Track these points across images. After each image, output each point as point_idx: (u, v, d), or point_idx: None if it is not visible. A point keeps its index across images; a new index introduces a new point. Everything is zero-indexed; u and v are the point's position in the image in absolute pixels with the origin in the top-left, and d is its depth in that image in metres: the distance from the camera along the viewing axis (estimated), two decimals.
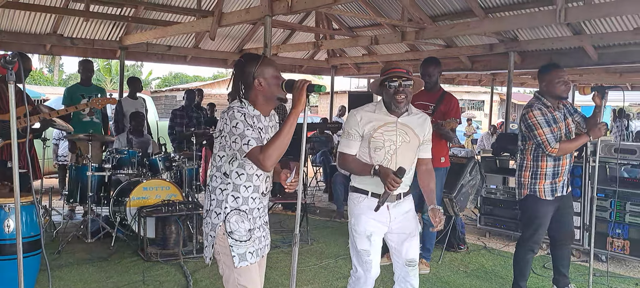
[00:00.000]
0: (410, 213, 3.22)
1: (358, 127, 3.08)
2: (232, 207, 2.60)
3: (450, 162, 5.12)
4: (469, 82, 15.52)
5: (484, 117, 28.61)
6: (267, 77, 2.59)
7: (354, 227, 3.13)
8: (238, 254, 2.59)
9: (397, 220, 3.14)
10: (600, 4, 6.01)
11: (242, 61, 2.66)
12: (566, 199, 4.04)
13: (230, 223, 2.59)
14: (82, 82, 7.00)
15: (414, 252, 3.21)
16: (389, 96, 3.06)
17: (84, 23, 8.58)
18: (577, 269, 5.13)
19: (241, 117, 2.50)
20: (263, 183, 2.68)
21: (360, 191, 3.12)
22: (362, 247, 3.11)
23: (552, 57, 8.66)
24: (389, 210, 3.10)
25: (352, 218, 3.15)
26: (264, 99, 2.63)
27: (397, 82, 3.01)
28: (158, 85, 34.93)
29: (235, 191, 2.60)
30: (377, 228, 3.10)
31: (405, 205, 3.19)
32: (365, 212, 3.08)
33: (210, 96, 20.74)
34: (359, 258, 3.15)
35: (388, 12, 8.87)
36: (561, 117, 3.89)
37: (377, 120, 3.08)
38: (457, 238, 5.73)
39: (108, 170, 5.87)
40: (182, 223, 5.27)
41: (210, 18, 7.17)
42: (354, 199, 3.15)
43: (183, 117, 8.22)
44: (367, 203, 3.08)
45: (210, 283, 4.55)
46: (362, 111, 3.13)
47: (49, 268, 2.42)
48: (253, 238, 2.65)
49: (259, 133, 2.55)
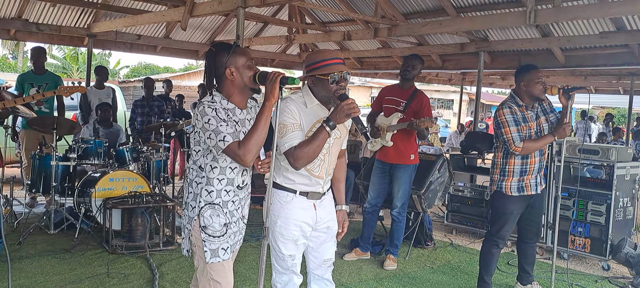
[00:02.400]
0: (333, 215, 2.96)
1: (297, 117, 2.67)
2: (206, 201, 2.57)
3: (419, 160, 5.17)
4: (439, 81, 15.69)
5: (452, 116, 29.01)
6: (239, 66, 2.52)
7: (280, 231, 2.76)
8: (210, 250, 2.57)
9: (322, 221, 2.86)
10: (568, 8, 6.14)
11: (213, 51, 2.57)
12: (538, 198, 4.11)
13: (204, 217, 2.56)
14: (34, 70, 6.78)
15: (331, 251, 2.95)
16: (327, 90, 2.64)
17: (50, 8, 8.34)
18: (540, 266, 5.25)
19: (212, 112, 2.43)
20: (238, 177, 2.63)
21: (287, 190, 2.76)
22: (289, 252, 2.79)
23: (521, 58, 8.84)
24: (316, 209, 2.81)
25: (277, 220, 2.75)
26: (237, 90, 2.56)
27: (340, 75, 2.63)
28: (126, 75, 34.28)
29: (208, 185, 2.57)
30: (304, 231, 2.80)
31: (329, 203, 2.92)
32: (295, 214, 2.75)
33: (181, 88, 20.46)
34: (284, 263, 2.82)
35: (361, 8, 8.89)
36: (533, 117, 3.96)
37: (310, 115, 2.71)
38: (424, 235, 5.79)
39: (73, 160, 5.72)
40: (149, 215, 5.18)
41: (182, 8, 7.04)
42: (279, 199, 2.76)
43: (144, 107, 7.98)
44: (297, 204, 2.76)
45: (176, 276, 4.48)
46: (294, 103, 2.69)
47: (9, 259, 2.34)
48: (228, 234, 2.61)
49: (235, 127, 2.50)
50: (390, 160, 4.94)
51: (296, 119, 2.66)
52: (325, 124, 2.57)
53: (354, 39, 9.29)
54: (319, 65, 2.67)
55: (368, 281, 4.67)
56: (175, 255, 5.01)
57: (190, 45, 10.57)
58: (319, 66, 2.66)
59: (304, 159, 2.61)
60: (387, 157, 4.95)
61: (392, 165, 4.95)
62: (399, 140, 4.87)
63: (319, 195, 2.82)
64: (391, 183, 5.00)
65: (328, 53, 2.72)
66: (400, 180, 4.93)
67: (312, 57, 2.74)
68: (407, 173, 4.94)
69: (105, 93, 7.65)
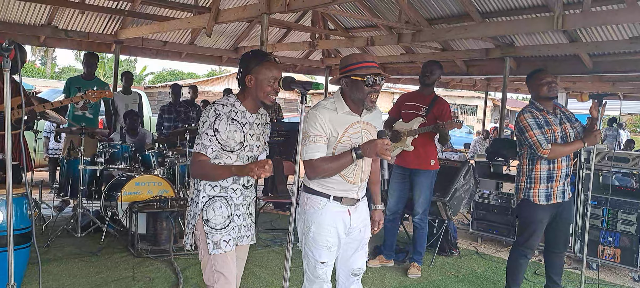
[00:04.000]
0: (368, 221, 2.93)
1: (324, 128, 2.66)
2: (209, 196, 2.66)
3: (444, 166, 5.12)
4: (462, 86, 15.56)
5: (476, 122, 28.69)
6: (260, 78, 2.59)
7: (313, 237, 2.73)
8: (212, 242, 2.65)
9: (356, 228, 2.83)
10: (596, 13, 6.04)
11: (249, 55, 2.67)
12: (565, 206, 4.02)
13: (207, 211, 2.65)
14: (84, 76, 6.91)
15: (361, 261, 2.91)
16: (361, 93, 2.65)
17: (79, 15, 8.52)
18: (568, 276, 5.14)
19: (213, 116, 2.56)
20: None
21: (321, 194, 2.73)
22: (322, 259, 2.75)
23: (547, 64, 8.71)
24: (350, 215, 2.78)
25: (311, 226, 2.72)
26: (251, 98, 2.66)
27: (374, 79, 2.64)
28: (152, 81, 34.75)
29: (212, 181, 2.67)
30: (338, 238, 2.77)
31: (363, 210, 2.89)
32: (329, 220, 2.72)
33: (204, 93, 20.69)
34: (315, 271, 2.77)
35: (385, 14, 8.87)
36: (556, 121, 3.90)
37: (341, 122, 2.70)
38: (449, 243, 5.72)
39: (100, 164, 5.82)
40: (174, 219, 5.22)
41: (207, 14, 7.13)
42: (312, 204, 2.73)
43: (171, 112, 8.11)
44: (331, 209, 2.72)
45: (200, 280, 4.50)
46: (323, 110, 2.68)
47: (40, 261, 2.38)
48: (231, 226, 2.68)
49: (241, 127, 2.62)
50: (410, 166, 4.91)
51: (321, 130, 2.66)
52: (354, 150, 2.63)
53: (377, 44, 9.28)
54: (354, 67, 2.69)
55: None
56: (199, 259, 5.03)
57: (214, 52, 10.68)
58: (354, 68, 2.69)
59: (321, 174, 2.66)
60: (407, 162, 4.92)
61: (412, 171, 4.92)
62: (420, 145, 4.84)
63: (353, 201, 2.80)
64: (412, 189, 4.97)
65: (364, 56, 2.76)
66: (421, 186, 4.89)
67: (347, 60, 2.77)
68: (428, 178, 4.90)
69: (132, 98, 7.78)
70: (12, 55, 1.92)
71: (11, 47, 1.90)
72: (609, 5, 6.41)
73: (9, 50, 1.90)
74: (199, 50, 10.43)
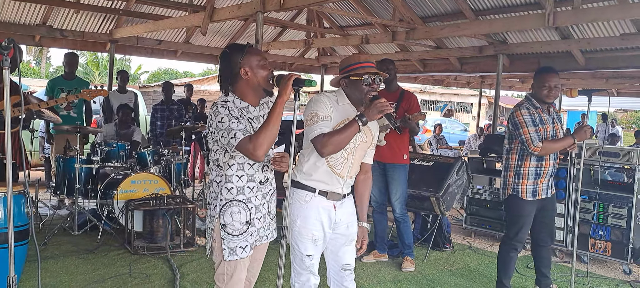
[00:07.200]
0: (353, 217, 2.97)
1: (327, 110, 2.75)
2: (226, 199, 2.61)
3: (438, 162, 5.18)
4: (457, 84, 15.64)
5: (471, 119, 28.79)
6: (253, 65, 2.58)
7: (299, 230, 2.81)
8: (228, 248, 2.61)
9: (342, 223, 2.90)
10: (588, 9, 6.10)
11: (227, 52, 2.64)
12: (549, 201, 4.09)
13: (224, 215, 2.61)
14: (65, 75, 6.94)
15: (350, 256, 2.97)
16: (360, 92, 2.76)
17: (74, 15, 8.53)
18: (560, 269, 5.21)
19: (225, 111, 2.50)
20: (259, 172, 2.67)
21: (307, 188, 2.82)
22: (308, 252, 2.83)
23: (541, 61, 8.77)
24: (336, 210, 2.86)
25: (297, 219, 2.81)
26: (251, 90, 2.62)
27: (372, 78, 2.75)
28: (147, 80, 34.72)
29: (228, 182, 2.61)
30: (324, 231, 2.85)
31: (349, 206, 2.95)
32: (314, 213, 2.81)
33: (200, 92, 20.61)
34: (302, 264, 2.86)
35: (379, 12, 8.92)
36: (549, 120, 3.95)
37: (341, 112, 2.79)
38: (442, 238, 5.78)
39: (96, 162, 5.85)
40: (170, 217, 5.27)
41: (202, 13, 7.16)
42: (299, 198, 2.82)
43: (164, 110, 8.10)
44: (317, 203, 2.81)
45: (197, 276, 4.55)
46: (327, 98, 2.80)
47: (39, 257, 2.42)
48: (249, 232, 2.65)
49: (249, 122, 2.56)
50: (384, 160, 4.98)
51: (328, 110, 2.76)
52: (358, 118, 2.67)
53: (372, 42, 9.34)
54: (353, 67, 2.80)
55: (386, 283, 4.69)
56: (195, 256, 5.09)
57: (209, 50, 10.71)
58: (353, 68, 2.80)
59: (331, 147, 2.68)
60: (382, 156, 4.98)
61: (387, 165, 5.00)
62: (392, 140, 4.92)
63: (338, 196, 2.86)
64: (388, 185, 5.05)
65: (362, 57, 2.88)
66: (396, 180, 5.00)
67: (347, 60, 2.89)
68: (402, 172, 5.02)
69: (128, 97, 7.80)
70: (11, 53, 1.95)
71: (10, 46, 1.94)
72: (600, 2, 6.48)
73: (9, 49, 1.93)
74: (194, 49, 10.45)
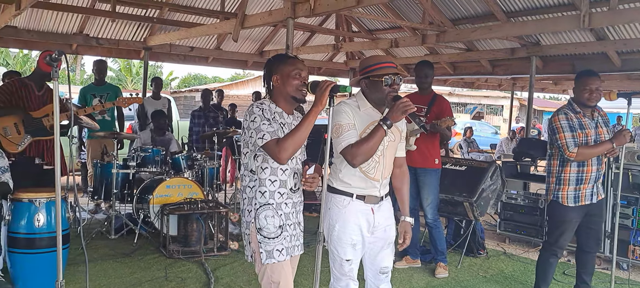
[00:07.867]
0: (392, 220, 2.97)
1: (350, 118, 2.76)
2: (260, 203, 2.65)
3: (471, 166, 5.13)
4: (488, 86, 15.43)
5: (502, 122, 28.35)
6: (283, 74, 2.65)
7: (338, 235, 2.81)
8: (266, 251, 2.64)
9: (380, 226, 2.89)
10: (624, 10, 5.96)
11: (270, 59, 2.75)
12: (596, 206, 3.99)
13: (260, 219, 2.65)
14: (95, 82, 7.15)
15: (389, 260, 2.97)
16: (381, 92, 2.75)
17: (109, 23, 8.74)
18: (598, 276, 5.09)
19: (259, 111, 2.57)
20: (290, 179, 2.71)
21: (344, 193, 2.82)
22: (347, 257, 2.82)
23: (575, 63, 8.61)
24: (374, 213, 2.84)
25: (336, 224, 2.81)
26: (282, 98, 2.69)
27: (393, 79, 2.74)
28: (177, 85, 35.25)
29: (262, 186, 2.65)
30: (362, 236, 2.84)
31: (387, 208, 2.95)
32: (353, 218, 2.80)
33: (229, 97, 20.88)
34: (342, 269, 2.86)
35: (408, 15, 8.88)
36: (591, 125, 3.87)
37: (364, 118, 2.79)
38: (476, 243, 5.72)
39: (132, 168, 5.98)
40: (204, 221, 5.34)
41: (233, 20, 7.25)
42: (337, 203, 2.82)
43: (200, 117, 8.33)
44: (355, 207, 2.81)
45: (231, 280, 4.61)
46: (348, 106, 2.80)
47: (87, 261, 2.50)
48: (283, 235, 2.68)
49: (281, 127, 2.62)
50: (415, 165, 4.94)
51: (351, 119, 2.76)
52: (382, 122, 2.66)
53: (402, 46, 9.29)
54: (373, 68, 2.79)
55: None
56: (229, 260, 5.15)
57: (239, 56, 10.85)
58: (373, 69, 2.79)
59: (362, 156, 2.69)
60: (413, 161, 4.94)
61: (418, 169, 4.96)
62: (423, 144, 4.88)
63: (376, 199, 2.86)
64: (420, 190, 5.00)
65: (382, 57, 2.85)
66: (428, 185, 4.95)
67: (366, 61, 2.87)
68: (433, 177, 4.97)
69: (161, 103, 7.97)
70: (60, 64, 2.03)
71: (60, 58, 2.01)
72: (637, 2, 6.33)
73: (58, 61, 2.01)
74: (224, 55, 10.59)
